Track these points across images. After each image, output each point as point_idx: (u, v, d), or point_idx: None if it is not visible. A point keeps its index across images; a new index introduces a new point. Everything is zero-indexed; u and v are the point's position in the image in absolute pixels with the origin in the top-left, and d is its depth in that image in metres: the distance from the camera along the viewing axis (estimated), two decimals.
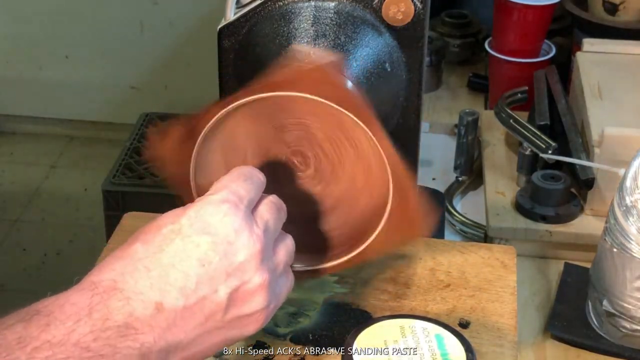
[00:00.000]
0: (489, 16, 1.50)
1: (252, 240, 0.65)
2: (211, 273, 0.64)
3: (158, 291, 0.62)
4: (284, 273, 0.70)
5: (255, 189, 0.68)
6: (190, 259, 0.63)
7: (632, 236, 0.88)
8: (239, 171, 0.69)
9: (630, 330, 0.92)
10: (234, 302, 0.65)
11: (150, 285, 0.62)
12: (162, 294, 0.62)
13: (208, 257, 0.63)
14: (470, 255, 0.97)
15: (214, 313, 0.64)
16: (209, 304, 0.64)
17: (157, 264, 0.63)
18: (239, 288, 0.65)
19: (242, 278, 0.65)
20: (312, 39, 0.85)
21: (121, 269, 0.63)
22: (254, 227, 0.66)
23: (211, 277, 0.64)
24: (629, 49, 1.31)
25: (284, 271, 0.70)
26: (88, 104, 2.88)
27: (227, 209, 0.65)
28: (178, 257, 0.63)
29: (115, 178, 2.14)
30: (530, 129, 1.21)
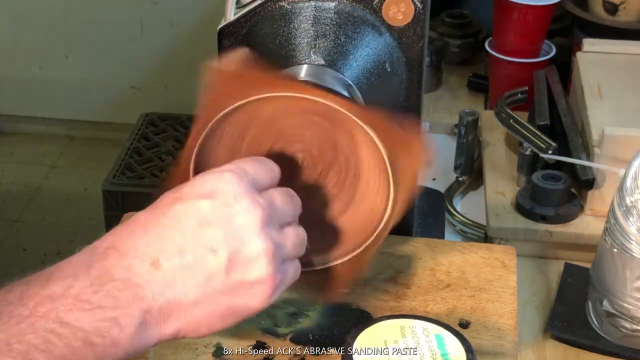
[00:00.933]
0: (489, 16, 1.50)
1: (252, 207, 0.64)
2: (210, 234, 0.64)
3: (155, 249, 0.63)
4: (290, 259, 0.69)
5: (264, 172, 0.68)
6: (188, 219, 0.64)
7: (632, 236, 0.88)
8: (252, 157, 0.69)
9: (630, 330, 0.92)
10: (234, 266, 0.64)
11: (147, 244, 0.63)
12: (158, 252, 0.63)
13: (206, 219, 0.64)
14: (470, 255, 0.97)
15: (214, 274, 0.64)
16: (208, 264, 0.64)
17: (156, 226, 0.64)
18: (239, 251, 0.64)
19: (242, 241, 0.64)
20: (312, 39, 0.85)
21: (120, 233, 0.64)
22: (257, 197, 0.65)
23: (209, 238, 0.64)
24: (629, 49, 1.31)
25: (290, 256, 0.69)
26: (88, 104, 2.88)
27: (228, 177, 0.65)
28: (176, 219, 0.64)
29: (115, 178, 2.13)
30: (530, 129, 1.21)
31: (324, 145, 0.78)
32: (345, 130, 0.76)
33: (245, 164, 0.67)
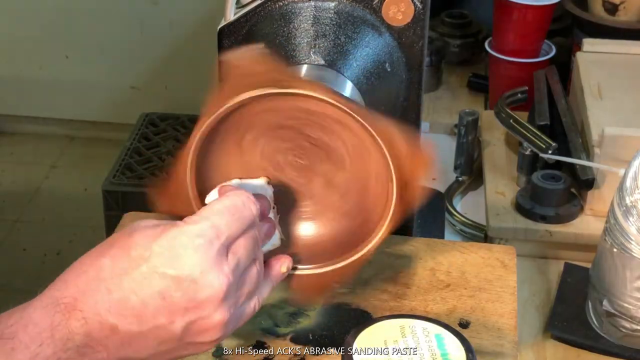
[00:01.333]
0: (489, 16, 1.50)
1: (219, 281, 0.65)
2: (170, 306, 0.65)
3: (115, 315, 0.64)
4: (248, 300, 0.71)
5: (239, 225, 0.68)
6: (151, 288, 0.64)
7: (632, 236, 0.88)
8: (232, 202, 0.68)
9: (630, 330, 0.92)
10: (188, 333, 0.66)
11: (109, 309, 0.64)
12: (118, 318, 0.64)
13: (169, 291, 0.64)
14: (470, 255, 0.97)
15: (168, 340, 0.66)
16: (163, 332, 0.65)
17: (118, 287, 0.64)
18: (196, 322, 0.66)
19: (200, 314, 0.66)
20: (312, 39, 0.85)
21: (84, 286, 0.65)
22: (224, 267, 0.66)
23: (169, 310, 0.65)
24: (629, 49, 1.31)
25: (248, 299, 0.70)
26: (88, 104, 2.87)
27: (199, 245, 0.65)
28: (140, 285, 0.64)
29: (115, 178, 2.13)
30: (530, 129, 1.21)
31: (326, 147, 0.78)
32: (349, 131, 0.76)
33: (220, 221, 0.66)
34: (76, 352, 0.64)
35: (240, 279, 0.68)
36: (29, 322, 0.63)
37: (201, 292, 0.65)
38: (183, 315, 0.65)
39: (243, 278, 0.69)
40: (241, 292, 0.69)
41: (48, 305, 0.64)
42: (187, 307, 0.65)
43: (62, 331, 0.63)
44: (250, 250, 0.69)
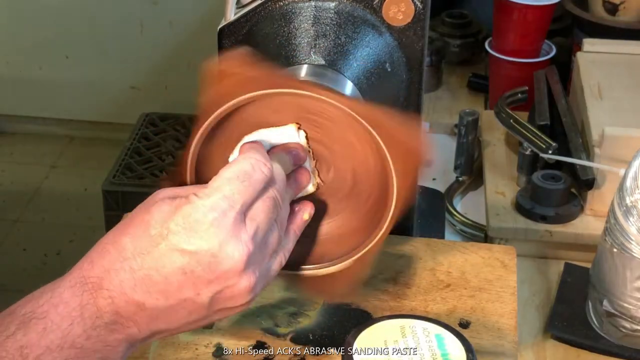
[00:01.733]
0: (489, 16, 1.50)
1: (238, 252, 0.65)
2: (193, 280, 0.65)
3: (141, 292, 0.65)
4: (273, 258, 0.71)
5: (252, 190, 0.68)
6: (172, 265, 0.65)
7: (632, 236, 0.88)
8: (241, 167, 0.68)
9: (630, 330, 0.92)
10: (217, 302, 0.67)
11: (134, 286, 0.65)
12: (144, 296, 0.65)
13: (190, 266, 0.65)
14: (470, 255, 0.97)
15: (197, 310, 0.67)
16: (190, 304, 0.66)
17: (141, 266, 0.65)
18: (222, 291, 0.66)
19: (225, 284, 0.66)
20: (312, 39, 0.85)
21: (108, 266, 0.66)
22: (242, 235, 0.66)
23: (194, 284, 0.65)
24: (629, 49, 1.31)
25: (272, 257, 0.71)
26: (88, 104, 2.88)
27: (213, 219, 0.65)
28: (161, 263, 0.65)
29: (115, 178, 2.14)
30: (530, 129, 1.21)
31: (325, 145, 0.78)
32: (347, 129, 0.76)
33: (232, 189, 0.66)
34: (105, 329, 0.65)
35: (262, 242, 0.68)
36: (59, 302, 0.64)
37: (222, 264, 0.65)
38: (208, 287, 0.65)
39: (265, 240, 0.69)
40: (265, 254, 0.69)
41: (76, 284, 0.65)
42: (211, 279, 0.65)
43: (91, 309, 0.64)
44: (269, 212, 0.68)
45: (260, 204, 0.68)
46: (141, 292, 0.65)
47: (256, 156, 0.69)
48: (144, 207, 0.68)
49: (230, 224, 0.65)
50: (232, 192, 0.66)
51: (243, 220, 0.66)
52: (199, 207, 0.65)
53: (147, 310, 0.66)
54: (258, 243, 0.67)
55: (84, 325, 0.64)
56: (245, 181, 0.67)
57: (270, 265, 0.70)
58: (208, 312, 0.67)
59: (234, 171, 0.67)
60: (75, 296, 0.65)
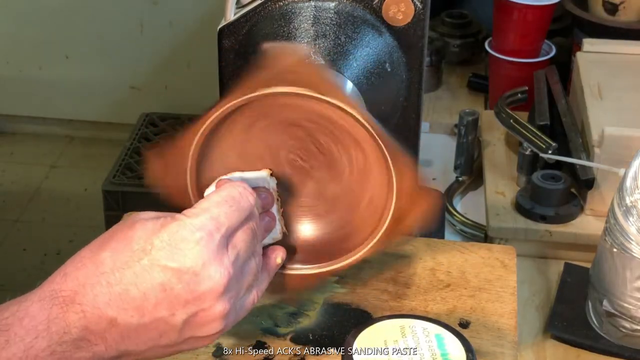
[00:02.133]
0: (489, 16, 1.50)
1: (219, 273, 0.66)
2: (171, 298, 0.65)
3: (115, 307, 0.64)
4: (248, 293, 0.71)
5: (238, 216, 0.68)
6: (153, 281, 0.64)
7: (632, 236, 0.88)
8: (229, 193, 0.69)
9: (630, 330, 0.92)
10: (189, 326, 0.66)
11: (108, 301, 0.64)
12: (118, 311, 0.64)
13: (170, 284, 0.64)
14: (470, 255, 0.97)
15: (168, 332, 0.66)
16: (163, 325, 0.66)
17: (119, 280, 0.64)
18: (197, 314, 0.66)
19: (201, 306, 0.66)
20: (312, 39, 0.85)
21: (84, 280, 0.65)
22: (224, 259, 0.66)
23: (170, 302, 0.65)
24: (629, 49, 1.31)
25: (247, 291, 0.71)
26: (88, 104, 2.87)
27: (200, 238, 0.65)
28: (141, 278, 0.64)
29: (115, 178, 2.14)
30: (530, 129, 1.21)
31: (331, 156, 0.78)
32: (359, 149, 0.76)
33: (220, 213, 0.67)
34: (72, 345, 0.64)
35: (240, 271, 0.68)
36: (25, 315, 0.63)
37: (202, 284, 0.65)
38: (184, 307, 0.65)
39: (243, 270, 0.69)
40: (241, 285, 0.69)
41: (46, 298, 0.64)
42: (188, 299, 0.65)
43: (59, 324, 0.63)
44: (249, 243, 0.69)
45: (241, 233, 0.69)
46: (115, 308, 0.64)
47: (244, 186, 0.70)
48: (126, 224, 0.67)
49: (215, 246, 0.66)
50: (220, 214, 0.67)
51: (226, 244, 0.67)
52: (186, 225, 0.65)
53: (119, 327, 0.65)
54: (237, 270, 0.68)
55: (50, 340, 0.63)
56: (233, 206, 0.68)
57: (245, 299, 0.71)
58: (178, 338, 0.67)
59: (223, 196, 0.68)
60: (43, 310, 0.63)
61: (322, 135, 0.77)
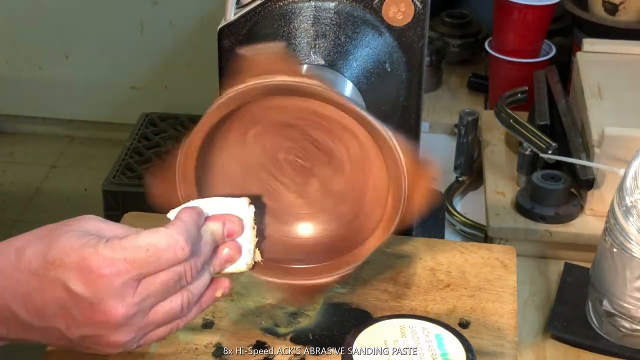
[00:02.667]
0: (489, 16, 1.50)
1: (115, 310, 0.66)
2: (67, 316, 0.67)
3: (18, 306, 0.67)
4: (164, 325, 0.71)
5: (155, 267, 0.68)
6: (54, 295, 0.66)
7: (632, 236, 0.88)
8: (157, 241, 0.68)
9: (630, 330, 0.92)
10: (85, 342, 0.69)
11: (13, 298, 0.67)
12: (20, 310, 0.67)
13: (68, 305, 0.66)
14: (470, 255, 0.97)
15: (65, 340, 0.69)
16: (60, 334, 0.68)
17: (27, 283, 0.67)
18: (92, 336, 0.68)
19: (95, 332, 0.68)
20: (312, 39, 0.85)
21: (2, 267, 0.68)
22: (126, 298, 0.67)
23: (66, 319, 0.67)
24: (629, 49, 1.31)
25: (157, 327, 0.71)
26: (88, 104, 2.87)
27: (106, 274, 0.66)
28: (45, 288, 0.66)
29: (115, 178, 2.14)
30: (530, 129, 1.21)
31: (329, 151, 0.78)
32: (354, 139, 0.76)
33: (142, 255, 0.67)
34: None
35: (148, 308, 0.69)
36: None
37: (97, 315, 0.67)
38: (79, 327, 0.67)
39: (154, 310, 0.69)
40: (148, 322, 0.70)
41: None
42: (82, 323, 0.67)
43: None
44: (167, 284, 0.69)
45: (159, 278, 0.68)
46: (18, 306, 0.67)
47: (178, 237, 0.68)
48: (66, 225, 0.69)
49: (119, 285, 0.66)
50: (134, 260, 0.67)
51: (136, 285, 0.67)
52: (99, 256, 0.66)
53: (20, 321, 0.67)
54: (143, 309, 0.68)
55: None
56: (152, 257, 0.67)
57: (154, 332, 0.71)
58: (78, 345, 0.69)
59: (149, 242, 0.68)
60: None
61: (315, 130, 0.77)
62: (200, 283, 0.72)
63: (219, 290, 0.74)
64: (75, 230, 0.68)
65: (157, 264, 0.67)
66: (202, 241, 0.71)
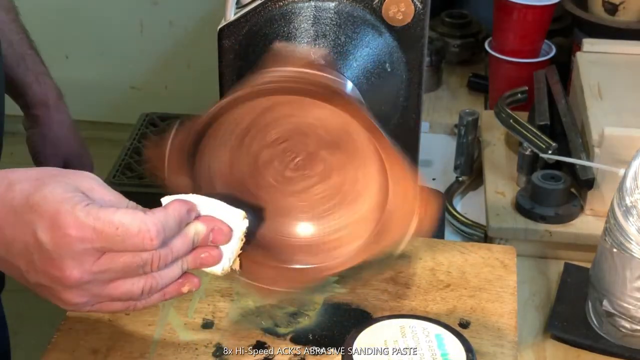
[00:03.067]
0: (489, 16, 1.50)
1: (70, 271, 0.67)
2: (28, 259, 0.69)
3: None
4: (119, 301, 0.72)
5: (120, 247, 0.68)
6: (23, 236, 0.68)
7: (632, 236, 0.88)
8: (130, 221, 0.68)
9: (630, 330, 0.92)
10: (41, 289, 0.70)
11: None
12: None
13: (32, 249, 0.68)
14: (470, 255, 0.97)
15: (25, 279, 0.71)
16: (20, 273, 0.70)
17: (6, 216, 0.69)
18: (47, 287, 0.69)
19: (51, 284, 0.69)
20: (312, 39, 0.85)
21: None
22: (85, 264, 0.67)
23: (27, 262, 0.69)
24: (629, 49, 1.31)
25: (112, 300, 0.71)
26: (88, 104, 2.87)
27: (76, 234, 0.66)
28: (16, 227, 0.68)
29: (115, 178, 2.13)
30: (530, 129, 1.21)
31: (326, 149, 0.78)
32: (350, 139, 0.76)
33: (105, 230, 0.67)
34: None
35: (107, 283, 0.69)
36: None
37: (53, 270, 0.68)
38: (36, 274, 0.69)
39: (113, 285, 0.70)
40: (104, 294, 0.70)
41: None
42: (40, 271, 0.68)
43: None
44: (128, 268, 0.69)
45: (127, 256, 0.69)
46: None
47: (151, 228, 0.68)
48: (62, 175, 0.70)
49: (81, 249, 0.67)
50: (102, 232, 0.67)
51: (98, 255, 0.68)
52: (71, 216, 0.67)
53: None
54: (100, 279, 0.69)
55: None
56: (119, 237, 0.68)
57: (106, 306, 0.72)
58: (35, 288, 0.71)
59: (121, 222, 0.68)
60: None
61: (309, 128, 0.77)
62: (168, 274, 0.72)
63: (187, 286, 0.74)
64: (66, 183, 0.69)
65: (122, 244, 0.68)
66: (181, 236, 0.71)
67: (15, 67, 1.19)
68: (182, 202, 0.72)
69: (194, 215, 0.73)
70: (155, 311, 0.88)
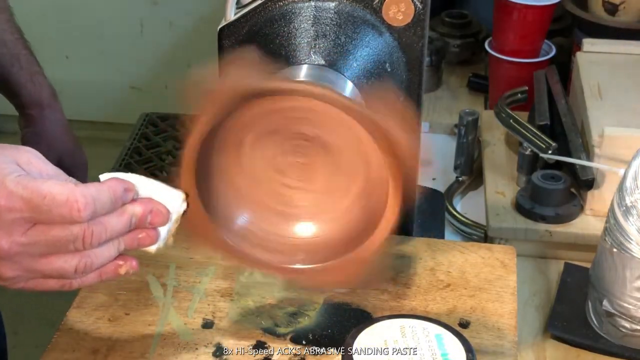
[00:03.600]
0: (489, 16, 1.50)
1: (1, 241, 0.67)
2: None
3: None
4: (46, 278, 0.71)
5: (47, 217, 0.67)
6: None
7: (632, 236, 0.88)
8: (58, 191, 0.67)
9: (630, 330, 0.92)
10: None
11: None
12: None
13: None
14: (470, 255, 0.97)
15: None
16: None
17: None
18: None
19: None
20: (312, 39, 0.85)
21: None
22: (13, 235, 0.67)
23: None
24: (629, 49, 1.31)
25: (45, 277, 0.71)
26: (88, 104, 2.87)
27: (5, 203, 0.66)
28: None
29: None
30: (530, 129, 1.21)
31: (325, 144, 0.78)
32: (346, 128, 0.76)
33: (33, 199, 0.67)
34: None
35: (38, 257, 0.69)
36: None
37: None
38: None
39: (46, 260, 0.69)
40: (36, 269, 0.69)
41: None
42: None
43: None
44: (58, 242, 0.68)
45: (56, 229, 0.68)
46: None
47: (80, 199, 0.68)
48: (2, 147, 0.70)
49: (9, 219, 0.67)
50: (30, 202, 0.67)
51: (28, 226, 0.67)
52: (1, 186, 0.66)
53: None
54: (30, 252, 0.68)
55: None
56: (46, 206, 0.67)
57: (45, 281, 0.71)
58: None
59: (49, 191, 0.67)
60: None
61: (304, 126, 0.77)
62: (103, 253, 0.71)
63: (124, 268, 0.74)
64: (4, 155, 0.68)
65: (49, 215, 0.67)
66: (116, 215, 0.71)
67: (9, 67, 1.19)
68: (119, 181, 0.72)
69: (131, 195, 0.72)
70: (155, 311, 0.89)
